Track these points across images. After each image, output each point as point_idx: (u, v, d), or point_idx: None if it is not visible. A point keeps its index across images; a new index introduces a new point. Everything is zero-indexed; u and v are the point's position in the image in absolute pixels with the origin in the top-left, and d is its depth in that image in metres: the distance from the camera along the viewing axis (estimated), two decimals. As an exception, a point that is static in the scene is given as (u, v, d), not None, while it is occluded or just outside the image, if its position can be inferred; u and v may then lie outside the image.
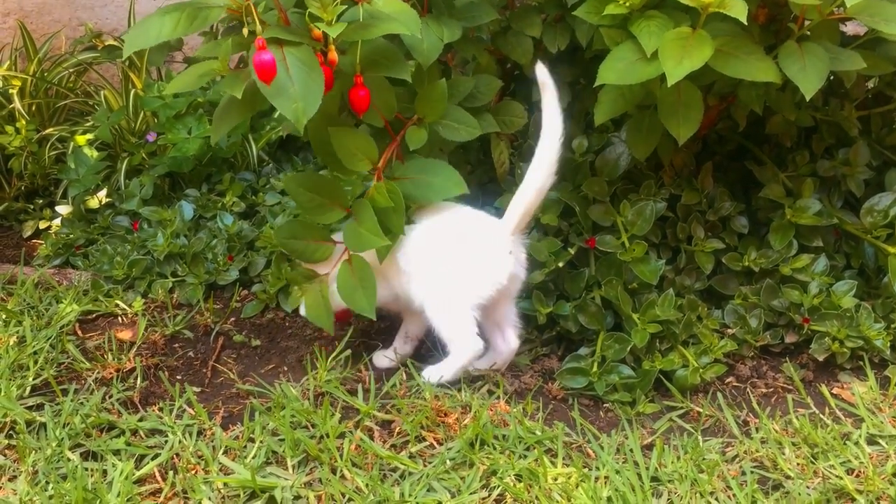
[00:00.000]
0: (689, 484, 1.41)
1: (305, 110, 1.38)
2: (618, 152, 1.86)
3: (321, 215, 1.65)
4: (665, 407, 1.63)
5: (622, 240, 1.77)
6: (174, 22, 1.39)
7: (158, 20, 1.39)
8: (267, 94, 1.37)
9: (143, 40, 1.43)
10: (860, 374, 1.71)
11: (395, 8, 1.50)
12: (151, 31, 1.40)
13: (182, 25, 1.38)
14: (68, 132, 2.47)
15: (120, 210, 2.27)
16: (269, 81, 1.36)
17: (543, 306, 1.76)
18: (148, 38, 1.41)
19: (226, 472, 1.44)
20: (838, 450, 1.49)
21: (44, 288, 2.04)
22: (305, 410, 1.56)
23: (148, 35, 1.40)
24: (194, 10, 1.38)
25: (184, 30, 1.37)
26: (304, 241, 1.67)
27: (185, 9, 1.39)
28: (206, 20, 1.39)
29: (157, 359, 1.78)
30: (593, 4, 1.60)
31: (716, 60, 1.47)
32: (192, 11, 1.38)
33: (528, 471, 1.42)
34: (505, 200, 1.84)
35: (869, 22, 1.50)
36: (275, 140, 2.43)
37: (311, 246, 1.67)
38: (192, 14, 1.38)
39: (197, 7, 1.38)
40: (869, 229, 1.84)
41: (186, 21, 1.38)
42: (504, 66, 1.96)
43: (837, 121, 1.91)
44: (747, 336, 1.75)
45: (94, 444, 1.50)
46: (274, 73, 1.36)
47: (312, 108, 1.38)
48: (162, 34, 1.39)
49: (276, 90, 1.38)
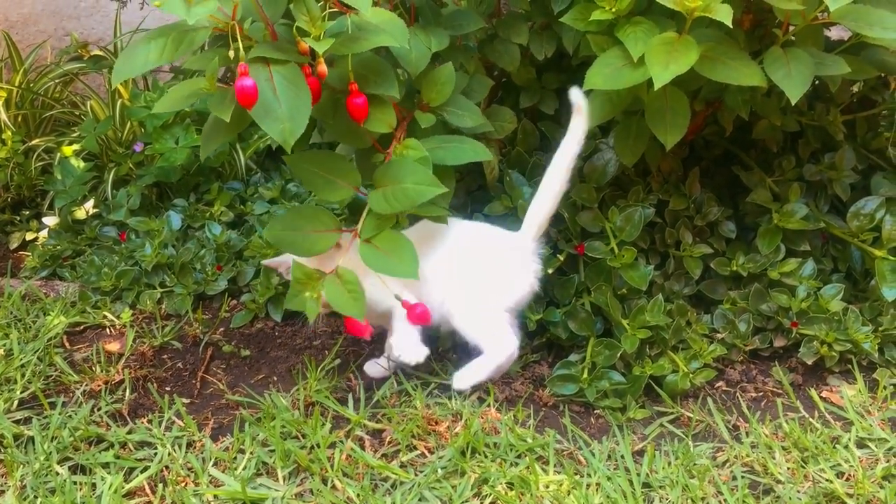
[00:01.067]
0: (680, 490, 1.41)
1: (293, 131, 1.37)
2: (606, 158, 1.87)
3: (331, 193, 1.57)
4: (656, 412, 1.64)
5: (611, 246, 1.77)
6: (160, 48, 1.37)
7: (144, 47, 1.38)
8: (254, 115, 1.36)
9: (130, 69, 1.40)
10: (849, 378, 1.72)
11: (383, 18, 1.49)
12: (138, 59, 1.38)
13: (168, 51, 1.37)
14: (55, 143, 2.46)
15: (107, 221, 2.26)
16: (250, 107, 1.35)
17: (533, 313, 1.76)
18: (134, 67, 1.39)
19: (216, 485, 1.43)
20: (828, 453, 1.49)
21: (31, 300, 2.02)
22: (296, 421, 1.56)
23: (134, 64, 1.38)
24: (180, 34, 1.37)
25: (170, 56, 1.36)
26: (303, 231, 1.55)
27: (171, 33, 1.37)
28: (193, 43, 1.37)
29: (145, 370, 1.77)
30: (580, 11, 1.61)
31: (702, 65, 1.47)
32: (178, 35, 1.37)
33: (520, 479, 1.42)
34: (494, 207, 1.85)
35: (853, 27, 1.51)
36: (263, 149, 2.43)
37: (310, 237, 1.55)
38: (178, 38, 1.37)
39: (182, 31, 1.37)
40: (855, 233, 1.85)
41: (172, 46, 1.37)
42: (492, 73, 1.96)
43: (823, 125, 1.91)
44: (736, 340, 1.76)
45: (82, 457, 1.49)
46: (255, 100, 1.34)
47: (300, 128, 1.37)
48: (149, 62, 1.37)
49: (264, 111, 1.36)
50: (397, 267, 1.49)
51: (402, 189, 1.49)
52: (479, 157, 1.61)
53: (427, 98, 1.63)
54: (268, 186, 2.30)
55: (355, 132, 1.57)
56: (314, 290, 1.48)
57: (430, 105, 1.63)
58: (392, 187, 1.50)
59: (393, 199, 1.50)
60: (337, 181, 1.56)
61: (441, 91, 1.63)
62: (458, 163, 1.59)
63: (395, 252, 1.50)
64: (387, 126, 1.55)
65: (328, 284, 1.49)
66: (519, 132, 1.94)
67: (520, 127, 1.92)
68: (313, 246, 1.54)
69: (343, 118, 1.55)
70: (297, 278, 1.49)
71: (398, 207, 1.49)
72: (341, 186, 1.56)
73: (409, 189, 1.48)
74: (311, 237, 1.54)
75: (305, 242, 1.54)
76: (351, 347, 1.82)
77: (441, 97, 1.63)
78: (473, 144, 1.61)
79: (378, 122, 1.54)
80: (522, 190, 1.85)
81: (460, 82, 1.71)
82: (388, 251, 1.50)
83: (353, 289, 1.48)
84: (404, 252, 1.50)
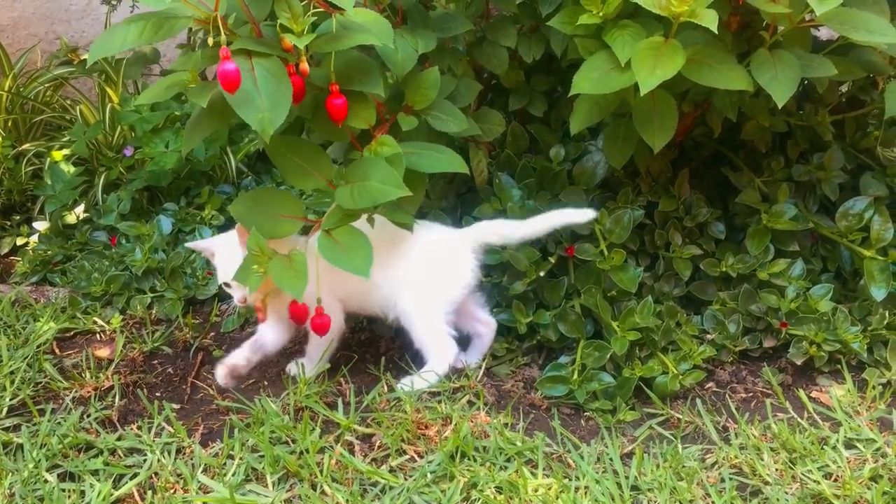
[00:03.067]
0: (668, 492, 1.41)
1: (272, 121, 1.37)
2: (595, 161, 1.87)
3: (301, 181, 1.58)
4: (645, 414, 1.64)
5: (601, 248, 1.77)
6: (139, 30, 1.37)
7: (123, 28, 1.38)
8: (233, 103, 1.36)
9: (108, 48, 1.41)
10: (838, 378, 1.72)
11: (368, 19, 1.49)
12: (116, 38, 1.38)
13: (147, 34, 1.37)
14: (45, 147, 2.45)
15: (98, 225, 2.25)
16: (232, 91, 1.35)
17: (523, 316, 1.76)
18: (112, 46, 1.40)
19: (205, 491, 1.43)
20: (816, 454, 1.50)
21: (21, 306, 2.02)
22: (285, 426, 1.56)
23: (113, 43, 1.39)
24: (160, 19, 1.37)
25: (149, 38, 1.36)
26: (269, 213, 1.56)
27: (151, 17, 1.38)
28: (172, 30, 1.38)
29: (135, 376, 1.76)
30: (567, 14, 1.61)
31: (688, 69, 1.47)
32: (158, 21, 1.37)
33: (509, 483, 1.42)
34: (484, 209, 1.85)
35: (839, 29, 1.51)
36: (253, 152, 2.43)
37: (274, 220, 1.55)
38: (158, 23, 1.37)
39: (163, 17, 1.37)
40: (844, 233, 1.85)
41: (151, 30, 1.37)
42: (481, 76, 1.96)
43: (812, 126, 1.92)
44: (726, 341, 1.76)
45: (71, 464, 1.49)
46: (238, 84, 1.35)
47: (279, 119, 1.37)
48: (127, 42, 1.37)
49: (243, 100, 1.37)
50: (351, 262, 1.49)
51: (367, 186, 1.49)
52: (454, 169, 1.61)
53: (411, 101, 1.63)
54: (258, 190, 2.30)
55: (335, 127, 1.57)
56: (261, 266, 1.49)
57: (414, 108, 1.63)
58: (358, 184, 1.50)
59: (357, 195, 1.50)
60: (310, 170, 1.57)
61: (425, 94, 1.63)
62: (431, 171, 1.61)
63: (352, 247, 1.50)
64: (365, 122, 1.55)
65: (275, 262, 1.49)
66: (508, 135, 1.94)
67: (509, 129, 1.92)
68: (275, 228, 1.55)
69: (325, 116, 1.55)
70: (251, 249, 1.49)
71: (362, 204, 1.49)
72: (313, 176, 1.57)
73: (374, 187, 1.48)
74: (275, 220, 1.55)
75: (268, 224, 1.54)
76: (341, 352, 1.81)
77: (425, 101, 1.63)
78: (451, 156, 1.61)
79: (357, 118, 1.54)
80: (512, 192, 1.85)
81: (447, 86, 1.71)
82: (345, 245, 1.50)
83: (299, 269, 1.49)
84: (361, 249, 1.50)
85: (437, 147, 1.61)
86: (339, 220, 1.53)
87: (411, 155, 1.57)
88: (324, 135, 1.65)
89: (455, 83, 1.75)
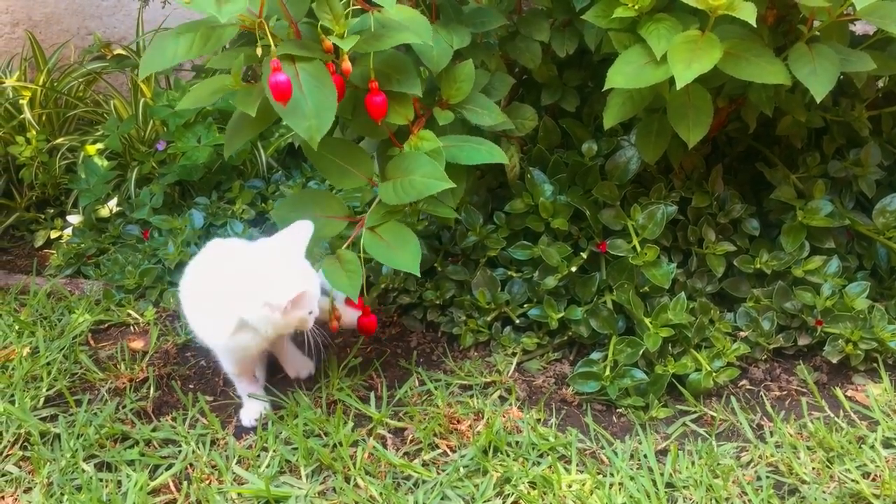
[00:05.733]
0: (704, 490, 1.41)
1: (319, 127, 1.38)
2: (628, 156, 1.86)
3: (343, 180, 1.59)
4: (678, 411, 1.63)
5: (633, 244, 1.76)
6: (189, 43, 1.38)
7: (173, 41, 1.39)
8: (281, 113, 1.37)
9: (159, 63, 1.41)
10: (874, 376, 1.70)
11: (407, 16, 1.49)
12: (167, 52, 1.39)
13: (197, 46, 1.38)
14: (78, 142, 2.48)
15: (130, 219, 2.28)
16: (284, 102, 1.36)
17: (555, 311, 1.76)
18: (164, 61, 1.40)
19: (239, 482, 1.44)
20: (854, 453, 1.48)
21: (56, 298, 2.04)
22: (318, 419, 1.57)
23: (164, 57, 1.40)
24: (208, 29, 1.38)
25: (198, 51, 1.37)
26: (312, 215, 1.56)
27: (199, 28, 1.38)
28: (220, 40, 1.38)
29: (169, 368, 1.78)
30: (602, 8, 1.60)
31: (725, 63, 1.46)
32: (206, 31, 1.38)
33: (542, 478, 1.42)
34: (515, 205, 1.84)
35: (879, 23, 1.48)
36: (284, 147, 2.44)
37: (318, 221, 1.55)
38: (206, 34, 1.37)
39: (210, 27, 1.38)
40: (881, 230, 1.83)
41: (201, 42, 1.38)
42: (513, 70, 1.96)
43: (848, 121, 1.89)
44: (760, 339, 1.74)
45: (108, 454, 1.51)
46: (290, 94, 1.35)
47: (326, 125, 1.38)
48: (177, 56, 1.38)
49: (291, 108, 1.37)
50: (400, 259, 1.50)
51: (411, 181, 1.50)
52: (493, 160, 1.61)
53: (446, 95, 1.63)
54: (289, 184, 2.32)
55: (374, 125, 1.58)
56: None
57: (450, 102, 1.63)
58: (402, 179, 1.51)
59: (402, 190, 1.51)
60: (351, 170, 1.58)
61: (461, 88, 1.62)
62: (471, 163, 1.60)
63: (399, 244, 1.52)
64: (404, 118, 1.56)
65: (327, 264, 1.51)
66: (540, 129, 1.93)
67: (541, 124, 1.91)
68: (322, 230, 1.56)
69: (363, 114, 1.55)
70: None
71: (406, 198, 1.51)
72: (354, 175, 1.58)
73: (418, 181, 1.50)
74: (319, 221, 1.56)
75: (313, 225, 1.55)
76: (373, 346, 1.82)
77: (460, 94, 1.63)
78: (489, 147, 1.61)
79: (396, 114, 1.55)
80: (544, 187, 1.84)
81: (481, 80, 1.70)
82: (391, 242, 1.52)
83: (351, 269, 1.50)
84: (409, 244, 1.51)
85: (476, 139, 1.61)
86: (382, 217, 1.54)
87: (451, 148, 1.57)
88: (361, 131, 1.65)
89: (489, 77, 1.75)
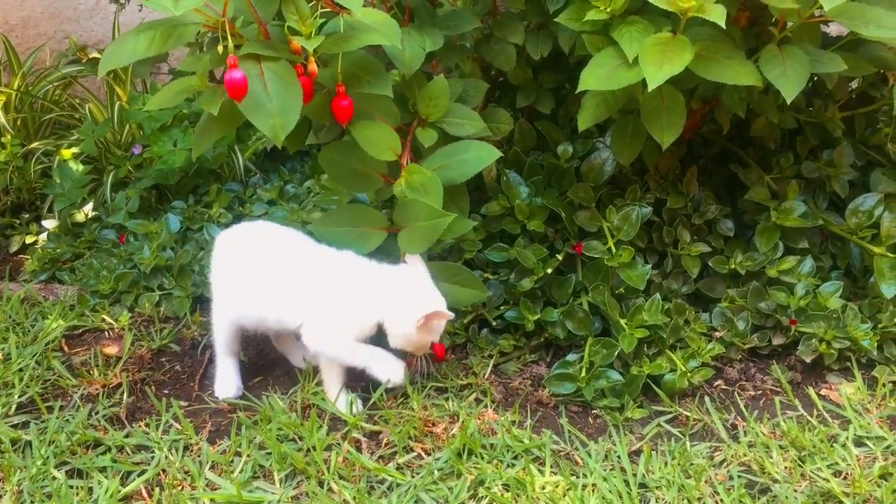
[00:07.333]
0: (676, 490, 1.41)
1: (283, 126, 1.38)
2: (603, 157, 1.86)
3: (357, 184, 1.63)
4: (654, 412, 1.63)
5: (609, 245, 1.77)
6: (149, 40, 1.38)
7: (133, 39, 1.39)
8: (244, 110, 1.37)
9: (118, 59, 1.42)
10: (848, 375, 1.71)
11: (375, 19, 1.49)
12: (126, 49, 1.39)
13: (157, 44, 1.38)
14: (54, 146, 2.46)
15: (106, 223, 2.26)
16: (239, 99, 1.36)
17: (531, 313, 1.76)
18: (122, 57, 1.41)
19: (212, 488, 1.43)
20: (825, 452, 1.49)
21: (30, 304, 2.03)
22: (292, 423, 1.56)
23: (122, 53, 1.40)
24: (169, 27, 1.38)
25: (158, 48, 1.37)
26: (353, 228, 1.62)
27: (160, 27, 1.38)
28: (182, 38, 1.38)
29: (143, 373, 1.77)
30: (574, 11, 1.60)
31: (696, 65, 1.47)
32: (167, 29, 1.38)
33: (516, 480, 1.42)
34: (492, 207, 1.84)
35: (848, 24, 1.50)
36: (261, 150, 2.43)
37: (360, 234, 1.61)
38: (167, 32, 1.37)
39: (172, 25, 1.38)
40: (854, 230, 1.84)
41: (161, 39, 1.38)
42: (488, 73, 1.96)
43: (821, 122, 1.91)
44: (735, 339, 1.75)
45: (79, 461, 1.49)
46: (244, 92, 1.35)
47: (290, 124, 1.38)
48: (137, 52, 1.38)
49: (254, 106, 1.37)
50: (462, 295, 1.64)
51: (420, 227, 1.55)
52: (486, 162, 1.63)
53: (424, 114, 1.64)
54: (266, 188, 2.31)
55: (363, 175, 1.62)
56: None
57: (429, 119, 1.64)
58: (411, 227, 1.56)
59: (417, 237, 1.56)
60: (366, 171, 1.61)
61: (437, 105, 1.65)
62: (466, 178, 1.62)
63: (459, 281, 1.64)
64: (392, 153, 1.58)
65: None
66: (516, 132, 1.93)
67: (516, 127, 1.92)
68: (363, 243, 1.61)
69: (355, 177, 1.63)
70: None
71: (425, 244, 1.56)
72: (368, 176, 1.62)
73: (426, 226, 1.55)
74: (360, 234, 1.61)
75: (355, 239, 1.61)
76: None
77: (438, 111, 1.65)
78: (476, 150, 1.62)
79: (382, 149, 1.57)
80: (519, 189, 1.84)
81: (455, 88, 1.71)
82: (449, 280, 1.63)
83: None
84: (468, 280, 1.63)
85: (461, 145, 1.63)
86: None
87: (441, 169, 1.59)
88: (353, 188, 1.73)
89: (461, 85, 1.75)
